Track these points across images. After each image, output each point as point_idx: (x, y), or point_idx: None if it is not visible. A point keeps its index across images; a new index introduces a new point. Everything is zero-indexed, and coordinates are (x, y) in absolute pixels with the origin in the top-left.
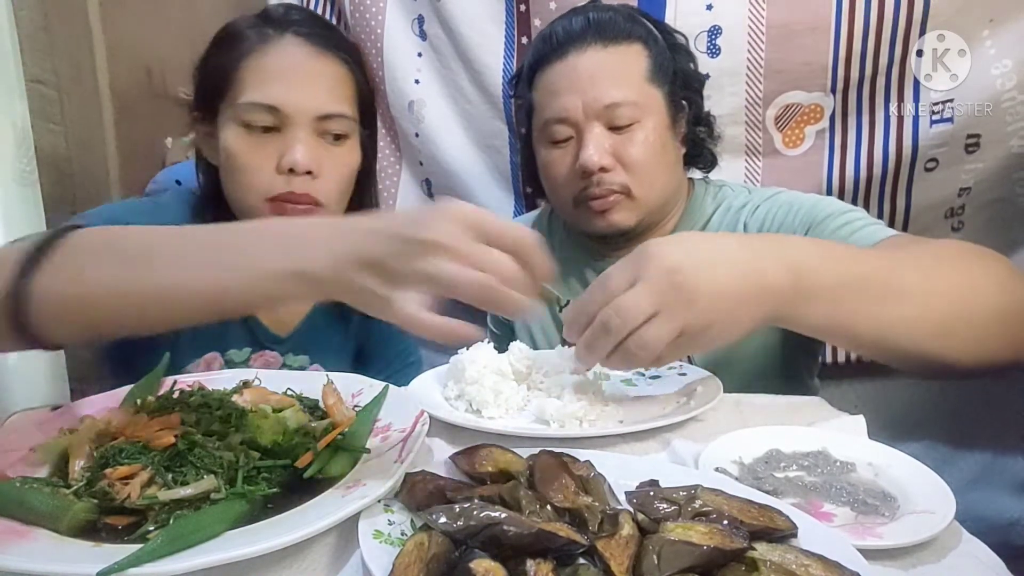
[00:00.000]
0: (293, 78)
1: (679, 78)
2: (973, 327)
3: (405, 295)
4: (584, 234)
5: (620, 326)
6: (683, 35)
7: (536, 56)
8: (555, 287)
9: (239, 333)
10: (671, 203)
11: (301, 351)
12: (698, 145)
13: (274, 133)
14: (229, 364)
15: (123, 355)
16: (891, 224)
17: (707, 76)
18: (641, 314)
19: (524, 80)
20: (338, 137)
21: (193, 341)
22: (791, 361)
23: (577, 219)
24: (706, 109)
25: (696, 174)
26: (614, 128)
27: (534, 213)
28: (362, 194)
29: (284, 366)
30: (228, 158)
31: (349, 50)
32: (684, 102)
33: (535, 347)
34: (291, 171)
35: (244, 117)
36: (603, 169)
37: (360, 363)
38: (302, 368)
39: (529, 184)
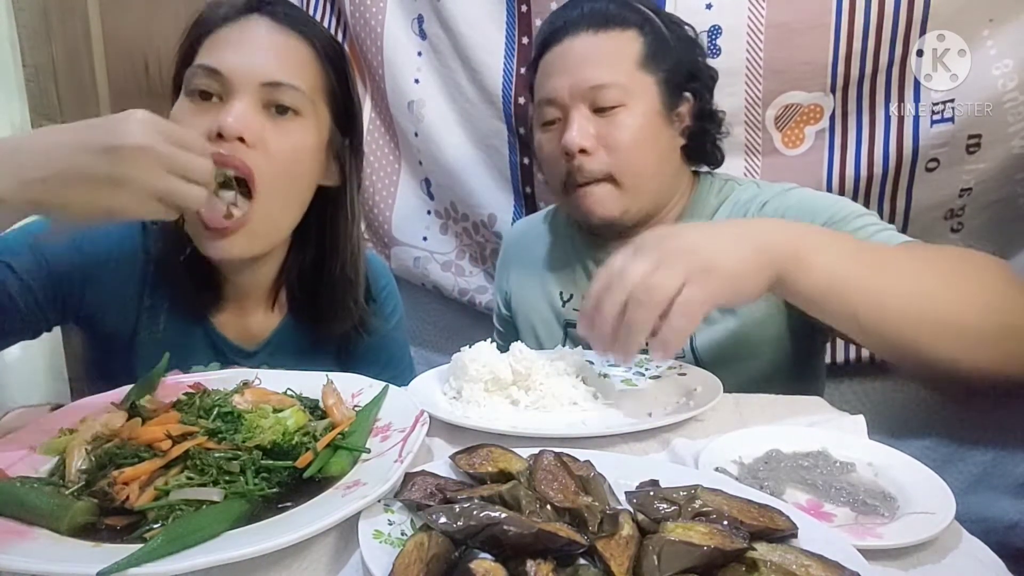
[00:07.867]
0: (244, 47)
1: (680, 67)
2: (968, 332)
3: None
4: (578, 224)
5: (621, 287)
6: (692, 28)
7: (539, 43)
8: (562, 280)
9: (203, 348)
10: (666, 194)
11: (275, 365)
12: (699, 138)
13: (217, 101)
14: None
15: (113, 361)
16: (891, 224)
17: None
18: (641, 271)
19: (532, 69)
20: (286, 110)
21: (154, 356)
22: (800, 360)
23: (568, 207)
24: (717, 108)
25: (704, 170)
26: (600, 111)
27: (542, 213)
28: (336, 211)
29: None
30: None
31: (325, 43)
32: (689, 93)
33: (540, 346)
34: (220, 136)
35: (190, 84)
36: (584, 152)
37: (347, 369)
38: None
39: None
